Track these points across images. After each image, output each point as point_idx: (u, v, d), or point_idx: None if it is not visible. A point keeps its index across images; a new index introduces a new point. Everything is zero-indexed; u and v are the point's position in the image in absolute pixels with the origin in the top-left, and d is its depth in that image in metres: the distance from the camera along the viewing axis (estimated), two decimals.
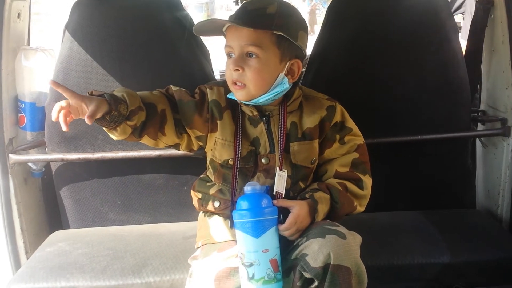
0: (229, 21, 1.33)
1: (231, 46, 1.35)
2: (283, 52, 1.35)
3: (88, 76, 1.73)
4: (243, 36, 1.33)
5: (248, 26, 1.30)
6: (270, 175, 1.39)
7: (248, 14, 1.34)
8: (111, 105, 1.26)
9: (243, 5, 1.39)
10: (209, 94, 1.43)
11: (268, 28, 1.31)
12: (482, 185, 1.99)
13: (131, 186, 1.81)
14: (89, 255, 1.56)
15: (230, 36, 1.36)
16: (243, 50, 1.33)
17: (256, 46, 1.32)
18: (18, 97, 1.78)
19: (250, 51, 1.33)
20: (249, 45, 1.32)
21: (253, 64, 1.33)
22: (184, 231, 1.69)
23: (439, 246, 1.56)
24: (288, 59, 1.36)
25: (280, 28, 1.32)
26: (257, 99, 1.37)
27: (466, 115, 1.88)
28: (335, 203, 1.36)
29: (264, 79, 1.35)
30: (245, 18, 1.33)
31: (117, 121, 1.29)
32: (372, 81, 1.82)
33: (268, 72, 1.34)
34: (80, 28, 1.73)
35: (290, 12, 1.37)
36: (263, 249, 1.25)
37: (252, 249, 1.25)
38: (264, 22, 1.31)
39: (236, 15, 1.37)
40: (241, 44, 1.33)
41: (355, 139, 1.48)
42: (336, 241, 1.22)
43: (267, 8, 1.33)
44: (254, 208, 1.27)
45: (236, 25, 1.32)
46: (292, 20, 1.36)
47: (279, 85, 1.36)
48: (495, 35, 1.86)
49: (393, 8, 1.82)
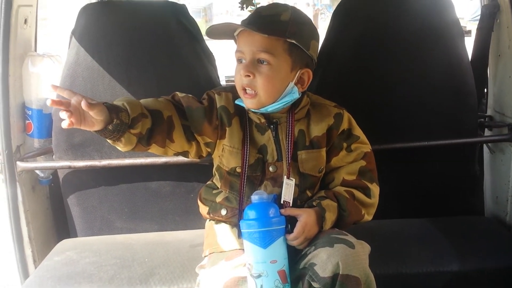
0: (243, 25, 1.32)
1: (242, 52, 1.34)
2: (294, 61, 1.34)
3: (94, 82, 1.74)
4: (255, 42, 1.31)
5: (261, 32, 1.29)
6: (277, 184, 1.39)
7: (261, 20, 1.33)
8: (112, 114, 1.22)
9: (256, 10, 1.39)
10: (217, 100, 1.42)
11: (282, 35, 1.30)
12: (490, 191, 1.98)
13: (138, 193, 1.81)
14: (96, 264, 1.56)
15: (242, 41, 1.35)
16: (254, 56, 1.32)
17: (268, 53, 1.31)
18: (25, 104, 1.78)
19: (262, 58, 1.31)
20: (261, 51, 1.31)
21: (264, 70, 1.32)
22: (191, 239, 1.69)
23: (448, 254, 1.56)
24: (299, 68, 1.36)
25: (293, 36, 1.31)
26: (266, 107, 1.36)
27: (473, 121, 1.87)
28: (342, 211, 1.36)
29: (274, 86, 1.33)
30: (259, 24, 1.31)
31: (120, 130, 1.24)
32: (377, 87, 1.81)
33: (279, 79, 1.33)
34: (87, 34, 1.74)
35: (304, 20, 1.36)
36: (271, 260, 1.24)
37: (260, 260, 1.24)
38: (278, 29, 1.30)
39: (249, 20, 1.35)
40: (253, 50, 1.32)
41: (362, 147, 1.47)
42: (345, 251, 1.22)
43: (281, 15, 1.32)
44: (261, 218, 1.26)
45: (250, 30, 1.30)
46: (305, 28, 1.36)
47: (288, 95, 1.35)
48: (501, 40, 1.85)
49: (399, 14, 1.82)
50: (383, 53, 1.81)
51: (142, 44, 1.75)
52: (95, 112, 1.17)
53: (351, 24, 1.83)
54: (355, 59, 1.81)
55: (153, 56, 1.75)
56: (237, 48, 1.37)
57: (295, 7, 1.37)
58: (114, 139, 1.27)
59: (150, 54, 1.74)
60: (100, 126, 1.21)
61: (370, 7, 1.83)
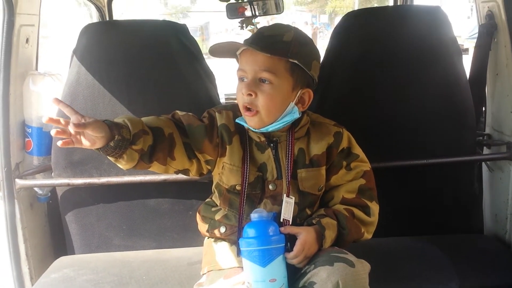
0: (247, 44, 1.33)
1: (244, 70, 1.35)
2: (296, 80, 1.35)
3: (95, 101, 1.75)
4: (258, 61, 1.33)
5: (264, 51, 1.30)
6: (277, 202, 1.38)
7: (264, 40, 1.34)
8: (113, 130, 1.23)
9: (259, 30, 1.40)
10: (218, 118, 1.43)
11: (284, 55, 1.32)
12: (489, 209, 1.98)
13: (136, 211, 1.80)
14: (94, 281, 1.55)
15: (244, 60, 1.36)
16: (257, 75, 1.33)
17: (271, 72, 1.32)
18: (26, 122, 1.80)
19: (264, 77, 1.32)
20: (264, 70, 1.32)
21: (266, 90, 1.33)
22: (189, 257, 1.68)
23: (447, 272, 1.55)
24: (300, 87, 1.37)
25: (296, 56, 1.32)
26: (267, 127, 1.36)
27: (471, 139, 1.88)
28: (342, 229, 1.35)
29: (276, 105, 1.34)
30: (262, 44, 1.32)
31: (122, 146, 1.25)
32: (376, 105, 1.82)
33: (280, 99, 1.34)
34: (88, 53, 1.76)
35: (306, 41, 1.38)
36: (270, 279, 1.23)
37: (259, 279, 1.23)
38: (280, 49, 1.32)
39: (252, 39, 1.37)
40: (255, 69, 1.33)
41: (362, 165, 1.47)
42: (345, 269, 1.21)
43: (284, 36, 1.33)
44: (261, 236, 1.25)
45: (253, 49, 1.31)
46: (308, 49, 1.37)
47: (289, 114, 1.36)
48: (499, 59, 1.86)
49: (397, 33, 1.83)
50: (381, 72, 1.82)
51: (143, 63, 1.76)
52: (91, 129, 1.18)
53: (349, 44, 1.84)
54: (354, 78, 1.82)
55: (154, 75, 1.76)
56: (239, 66, 1.38)
57: (297, 28, 1.39)
58: (116, 156, 1.27)
59: (150, 73, 1.76)
60: (101, 143, 1.22)
61: (368, 27, 1.85)
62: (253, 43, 1.34)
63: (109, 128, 1.22)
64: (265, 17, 3.93)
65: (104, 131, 1.20)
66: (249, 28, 3.19)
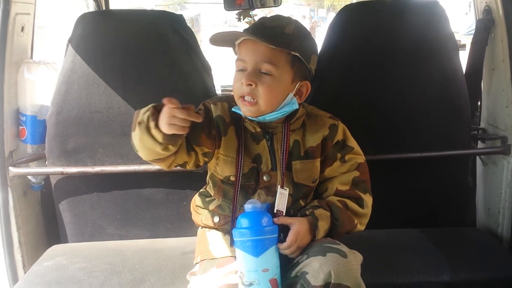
0: (250, 35, 1.32)
1: (244, 60, 1.34)
2: (295, 73, 1.35)
3: (90, 90, 1.74)
4: (259, 52, 1.32)
5: (268, 43, 1.29)
6: (271, 193, 1.38)
7: (266, 31, 1.33)
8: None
9: (260, 21, 1.39)
10: (213, 109, 1.42)
11: (287, 47, 1.31)
12: (483, 203, 1.99)
13: (130, 200, 1.80)
14: (86, 269, 1.55)
15: (245, 50, 1.35)
16: (257, 66, 1.32)
17: (272, 64, 1.31)
18: (20, 110, 1.79)
19: (265, 68, 1.32)
20: (265, 62, 1.31)
21: (266, 81, 1.32)
22: (183, 247, 1.68)
23: (439, 265, 1.56)
24: (299, 80, 1.37)
25: (297, 49, 1.32)
26: (264, 116, 1.36)
27: (466, 133, 1.88)
28: (335, 220, 1.36)
29: (275, 96, 1.34)
30: (264, 35, 1.31)
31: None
32: (372, 99, 1.83)
33: (280, 90, 1.34)
34: (83, 42, 1.75)
35: (306, 34, 1.38)
36: (263, 269, 1.24)
37: (252, 269, 1.24)
38: (283, 41, 1.31)
39: (252, 30, 1.35)
40: (256, 60, 1.32)
41: (356, 157, 1.47)
42: (337, 260, 1.22)
43: (286, 28, 1.33)
44: (254, 227, 1.25)
45: (257, 40, 1.30)
46: (308, 43, 1.37)
47: (288, 105, 1.36)
48: (495, 54, 1.87)
49: (394, 27, 1.83)
50: (377, 66, 1.82)
51: (139, 53, 1.76)
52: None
53: (346, 37, 1.84)
54: (350, 71, 1.82)
55: (150, 65, 1.75)
56: (239, 56, 1.36)
57: (298, 21, 1.39)
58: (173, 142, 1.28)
59: (146, 63, 1.75)
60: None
61: (365, 21, 1.84)
62: (254, 33, 1.33)
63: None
64: (263, 10, 3.92)
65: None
66: (246, 20, 3.18)
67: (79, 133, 1.75)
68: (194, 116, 1.22)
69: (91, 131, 1.75)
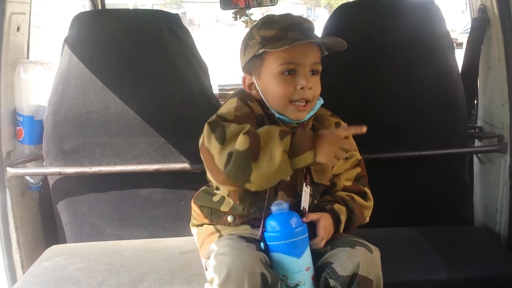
0: (319, 40, 1.35)
1: (298, 63, 1.34)
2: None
3: (86, 90, 1.73)
4: (313, 54, 1.35)
5: (324, 44, 1.36)
6: (291, 193, 1.39)
7: (311, 32, 1.36)
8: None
9: (294, 21, 1.37)
10: (253, 108, 1.37)
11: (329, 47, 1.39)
12: (480, 201, 1.99)
13: (128, 200, 1.80)
14: (85, 270, 1.55)
15: (299, 53, 1.33)
16: (311, 67, 1.35)
17: (320, 63, 1.37)
18: (17, 110, 1.78)
19: (317, 69, 1.36)
20: (318, 63, 1.36)
21: (316, 81, 1.37)
22: (181, 246, 1.68)
23: (437, 263, 1.56)
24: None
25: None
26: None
27: (463, 132, 1.89)
28: (351, 213, 1.42)
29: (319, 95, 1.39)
30: (315, 36, 1.35)
31: None
32: (367, 98, 1.83)
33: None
34: (79, 41, 1.74)
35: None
36: (306, 268, 1.26)
37: (296, 270, 1.25)
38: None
39: (302, 32, 1.34)
40: (312, 62, 1.34)
41: (356, 154, 1.53)
42: (365, 254, 1.27)
43: (311, 24, 1.37)
44: (292, 228, 1.26)
45: (318, 42, 1.35)
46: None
47: (319, 100, 1.41)
48: (491, 52, 1.87)
49: (389, 26, 1.83)
50: (373, 65, 1.82)
51: (135, 52, 1.75)
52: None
53: (341, 35, 1.82)
54: (345, 70, 1.82)
55: (146, 65, 1.75)
56: (289, 60, 1.33)
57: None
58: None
59: (142, 62, 1.75)
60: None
61: (360, 19, 1.84)
62: (306, 36, 1.34)
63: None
64: (259, 9, 3.90)
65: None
66: (242, 19, 3.17)
67: (76, 133, 1.74)
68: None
69: (88, 131, 1.74)
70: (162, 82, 1.75)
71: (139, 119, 1.74)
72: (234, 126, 1.22)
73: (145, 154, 1.76)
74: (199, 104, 1.75)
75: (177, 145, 1.75)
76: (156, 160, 1.76)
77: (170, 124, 1.75)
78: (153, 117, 1.74)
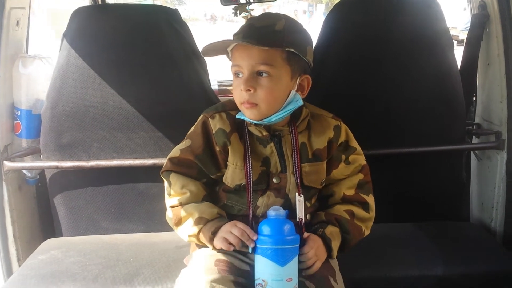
0: (241, 40, 1.29)
1: (240, 66, 1.31)
2: (293, 69, 1.32)
3: (85, 85, 1.74)
4: (254, 55, 1.28)
5: (261, 45, 1.26)
6: (280, 195, 1.36)
7: (257, 32, 1.29)
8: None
9: (249, 22, 1.36)
10: (212, 124, 1.38)
11: (280, 45, 1.28)
12: (477, 198, 2.00)
13: (125, 194, 1.80)
14: (81, 263, 1.56)
15: (239, 55, 1.31)
16: (254, 69, 1.29)
17: (268, 64, 1.28)
18: (15, 104, 1.79)
19: (262, 70, 1.29)
20: (261, 64, 1.28)
21: (265, 83, 1.29)
22: (177, 240, 1.66)
23: (433, 259, 1.56)
24: (298, 75, 1.34)
25: (291, 45, 1.29)
26: (270, 117, 1.33)
27: (460, 128, 1.89)
28: (346, 234, 1.36)
29: (276, 98, 1.31)
30: (255, 37, 1.28)
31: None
32: (366, 95, 1.83)
33: (280, 90, 1.31)
34: (79, 36, 1.75)
35: (298, 28, 1.35)
36: (287, 278, 1.23)
37: (277, 277, 1.22)
38: (275, 39, 1.28)
39: (244, 33, 1.32)
40: (252, 63, 1.29)
41: (359, 158, 1.46)
42: None
43: (276, 25, 1.29)
44: (282, 235, 1.24)
45: (250, 45, 1.27)
46: (301, 36, 1.35)
47: (292, 102, 1.33)
48: (490, 49, 1.87)
49: (389, 22, 1.83)
50: (372, 62, 1.82)
51: (134, 47, 1.75)
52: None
53: (341, 32, 1.84)
54: (345, 66, 1.82)
55: (145, 59, 1.75)
56: (234, 62, 1.33)
57: (287, 15, 1.36)
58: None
59: (141, 57, 1.75)
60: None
61: (360, 16, 1.84)
62: (246, 37, 1.30)
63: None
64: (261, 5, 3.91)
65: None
66: (243, 15, 3.17)
67: (74, 127, 1.75)
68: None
69: (86, 126, 1.75)
70: (160, 76, 1.75)
71: (137, 114, 1.74)
72: (175, 184, 1.40)
73: (142, 149, 1.76)
74: (197, 99, 1.75)
75: (174, 140, 1.74)
76: (154, 155, 1.76)
77: (168, 118, 1.75)
78: (151, 111, 1.75)
